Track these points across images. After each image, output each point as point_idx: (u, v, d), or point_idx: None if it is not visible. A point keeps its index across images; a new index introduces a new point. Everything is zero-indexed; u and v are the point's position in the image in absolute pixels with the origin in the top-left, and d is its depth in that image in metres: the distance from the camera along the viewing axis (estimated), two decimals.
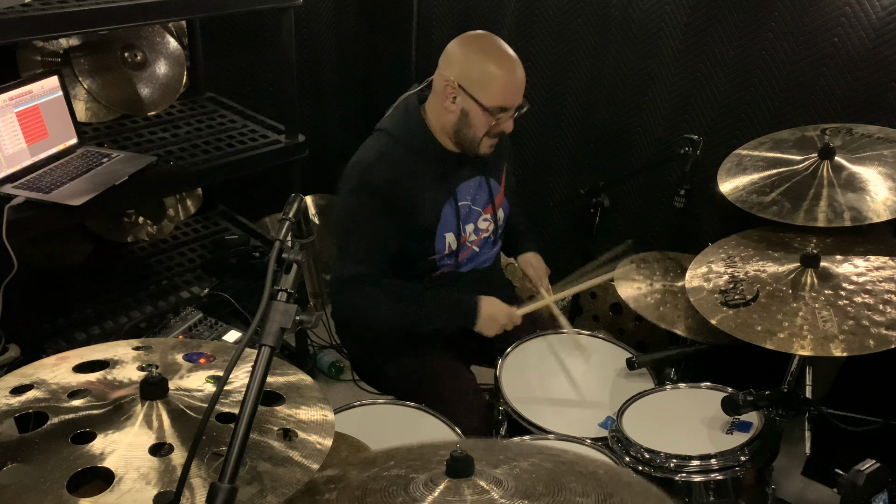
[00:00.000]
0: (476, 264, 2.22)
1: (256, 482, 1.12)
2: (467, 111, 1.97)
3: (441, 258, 2.12)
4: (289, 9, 2.56)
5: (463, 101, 1.96)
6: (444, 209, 2.08)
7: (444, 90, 1.98)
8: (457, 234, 2.12)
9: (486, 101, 1.94)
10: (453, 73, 1.96)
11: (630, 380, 2.02)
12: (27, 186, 2.23)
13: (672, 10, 2.62)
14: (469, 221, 2.15)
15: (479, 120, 1.97)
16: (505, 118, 1.99)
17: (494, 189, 2.19)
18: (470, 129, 1.99)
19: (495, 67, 1.94)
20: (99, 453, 1.12)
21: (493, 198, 2.19)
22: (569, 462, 1.26)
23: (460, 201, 2.11)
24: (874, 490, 1.46)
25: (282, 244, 1.15)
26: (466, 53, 1.97)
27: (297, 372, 1.42)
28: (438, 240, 2.09)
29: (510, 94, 1.97)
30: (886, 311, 1.78)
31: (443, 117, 2.02)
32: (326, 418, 1.29)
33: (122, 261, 2.89)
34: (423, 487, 1.16)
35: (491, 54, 1.97)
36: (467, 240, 2.16)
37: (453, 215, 2.09)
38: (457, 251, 2.14)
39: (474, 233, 2.17)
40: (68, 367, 1.34)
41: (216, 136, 2.73)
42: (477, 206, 2.16)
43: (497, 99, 1.95)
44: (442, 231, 2.09)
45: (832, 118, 2.37)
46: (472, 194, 2.14)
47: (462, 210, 2.11)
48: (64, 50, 2.64)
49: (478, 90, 1.94)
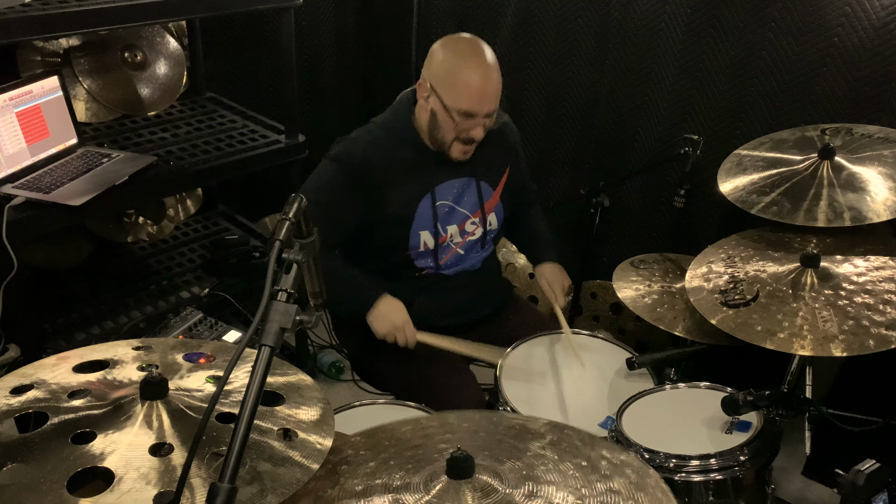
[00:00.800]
0: (463, 267, 2.20)
1: (256, 482, 1.12)
2: (435, 112, 1.98)
3: (416, 255, 2.11)
4: (289, 9, 2.56)
5: (433, 102, 1.98)
6: (420, 205, 2.07)
7: (420, 87, 2.00)
8: (434, 233, 2.10)
9: (450, 103, 1.94)
10: (429, 72, 1.98)
11: (630, 380, 2.02)
12: (27, 186, 2.23)
13: (672, 10, 2.62)
14: (452, 223, 2.13)
15: (445, 122, 1.97)
16: (472, 124, 1.96)
17: (485, 192, 2.16)
18: (439, 131, 2.00)
19: (465, 71, 1.93)
20: (99, 453, 1.12)
21: (483, 202, 2.16)
22: (571, 450, 1.26)
23: (439, 200, 2.09)
24: (874, 490, 1.46)
25: (282, 244, 1.16)
26: (442, 54, 1.98)
27: (297, 372, 1.42)
28: (413, 236, 2.08)
29: (475, 101, 1.94)
30: (886, 311, 1.78)
31: (421, 116, 2.04)
32: (326, 418, 1.29)
33: (122, 261, 2.89)
34: (422, 486, 1.17)
35: (465, 58, 1.95)
36: (449, 241, 2.14)
37: (430, 214, 2.08)
38: (435, 251, 2.12)
39: (459, 235, 2.15)
40: (68, 367, 1.34)
41: (216, 136, 2.73)
42: (463, 207, 2.14)
43: (461, 103, 1.93)
44: (417, 228, 2.08)
45: (832, 118, 2.37)
46: (456, 195, 2.12)
47: (441, 210, 2.10)
48: (64, 50, 2.64)
49: (444, 91, 1.94)
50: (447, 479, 1.17)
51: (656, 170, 2.70)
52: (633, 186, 2.88)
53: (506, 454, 1.24)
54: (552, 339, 2.17)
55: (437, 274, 2.16)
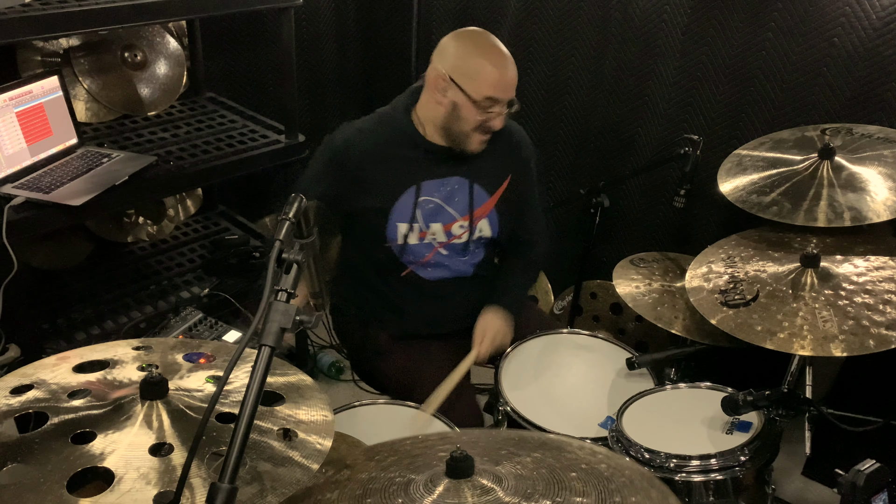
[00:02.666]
0: (447, 274, 2.15)
1: (257, 482, 1.12)
2: (457, 104, 1.98)
3: (397, 248, 2.09)
4: (289, 9, 2.56)
5: (453, 94, 1.97)
6: (402, 198, 2.06)
7: (436, 82, 1.99)
8: (411, 225, 2.07)
9: (475, 94, 1.95)
10: (445, 65, 1.97)
11: (630, 380, 2.02)
12: (27, 186, 2.23)
13: (672, 10, 2.62)
14: (436, 220, 2.09)
15: (468, 113, 1.98)
16: (495, 112, 1.99)
17: (478, 196, 2.11)
18: (458, 123, 2.00)
19: (486, 60, 1.96)
20: (99, 453, 1.12)
21: (474, 206, 2.11)
22: (571, 458, 1.26)
23: (424, 196, 2.07)
24: (874, 490, 1.46)
25: (282, 244, 1.15)
26: (458, 47, 1.99)
27: (297, 372, 1.42)
28: (390, 227, 2.07)
29: (500, 87, 1.97)
30: (886, 311, 1.78)
31: (433, 110, 2.03)
32: (326, 418, 1.29)
33: (122, 261, 2.89)
34: (423, 488, 1.17)
35: (483, 48, 1.99)
36: (430, 238, 2.10)
37: (410, 206, 2.06)
38: (413, 247, 2.10)
39: (444, 235, 2.11)
40: (68, 367, 1.34)
41: (216, 136, 2.73)
42: (452, 208, 2.10)
43: (487, 90, 1.95)
44: (395, 219, 2.07)
45: (832, 118, 2.37)
46: (446, 194, 2.09)
47: (424, 205, 2.07)
48: (64, 50, 2.64)
49: (468, 82, 1.95)
50: (448, 480, 1.17)
51: (656, 170, 2.70)
52: (633, 186, 2.88)
53: (505, 458, 1.24)
54: (552, 339, 2.17)
55: (421, 278, 2.14)
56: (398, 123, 2.07)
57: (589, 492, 1.14)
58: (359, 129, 2.10)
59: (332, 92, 3.54)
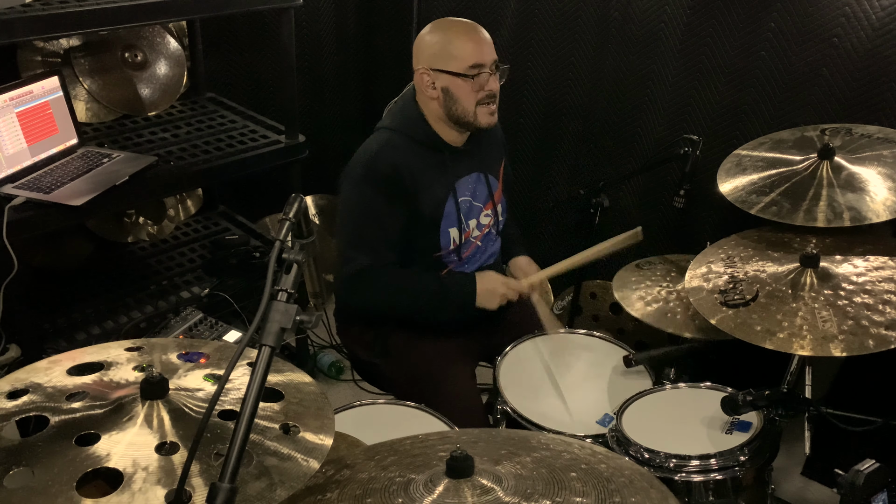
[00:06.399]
0: (481, 262, 2.23)
1: (265, 477, 1.12)
2: (448, 88, 2.01)
3: (447, 254, 2.13)
4: (289, 9, 2.57)
5: (441, 81, 2.01)
6: (447, 204, 2.09)
7: (422, 80, 2.03)
8: (460, 228, 2.13)
9: (458, 68, 1.98)
10: (422, 61, 2.03)
11: (628, 379, 2.02)
12: (28, 186, 2.23)
13: (672, 10, 2.62)
14: (471, 217, 2.16)
15: (462, 90, 2.00)
16: (485, 77, 2.00)
17: (493, 185, 2.21)
18: (458, 104, 2.02)
19: (454, 35, 2.01)
20: (105, 454, 1.12)
21: (493, 193, 2.21)
22: (571, 458, 1.26)
23: (460, 197, 2.12)
24: (874, 490, 1.46)
25: (282, 244, 1.16)
26: (426, 39, 2.04)
27: (297, 372, 1.42)
28: (443, 235, 2.10)
29: (478, 51, 2.00)
30: (886, 311, 1.78)
31: (432, 108, 2.06)
32: (326, 418, 1.29)
33: (122, 261, 2.89)
34: (422, 488, 1.17)
35: (446, 28, 2.04)
36: (471, 235, 2.17)
37: (454, 210, 2.10)
38: (459, 247, 2.14)
39: (477, 228, 2.19)
40: (62, 370, 1.33)
41: (216, 136, 2.73)
42: (477, 201, 2.18)
43: (467, 59, 1.98)
44: (446, 226, 2.10)
45: (832, 118, 2.37)
46: (472, 190, 2.16)
47: (463, 206, 2.13)
48: (64, 50, 2.64)
49: (448, 61, 1.99)
50: (447, 480, 1.17)
51: (656, 170, 2.70)
52: (632, 186, 2.88)
53: (505, 458, 1.24)
54: (551, 339, 2.17)
55: (458, 271, 2.18)
56: (420, 131, 2.08)
57: (588, 492, 1.14)
58: (393, 150, 2.04)
59: (332, 92, 3.54)
